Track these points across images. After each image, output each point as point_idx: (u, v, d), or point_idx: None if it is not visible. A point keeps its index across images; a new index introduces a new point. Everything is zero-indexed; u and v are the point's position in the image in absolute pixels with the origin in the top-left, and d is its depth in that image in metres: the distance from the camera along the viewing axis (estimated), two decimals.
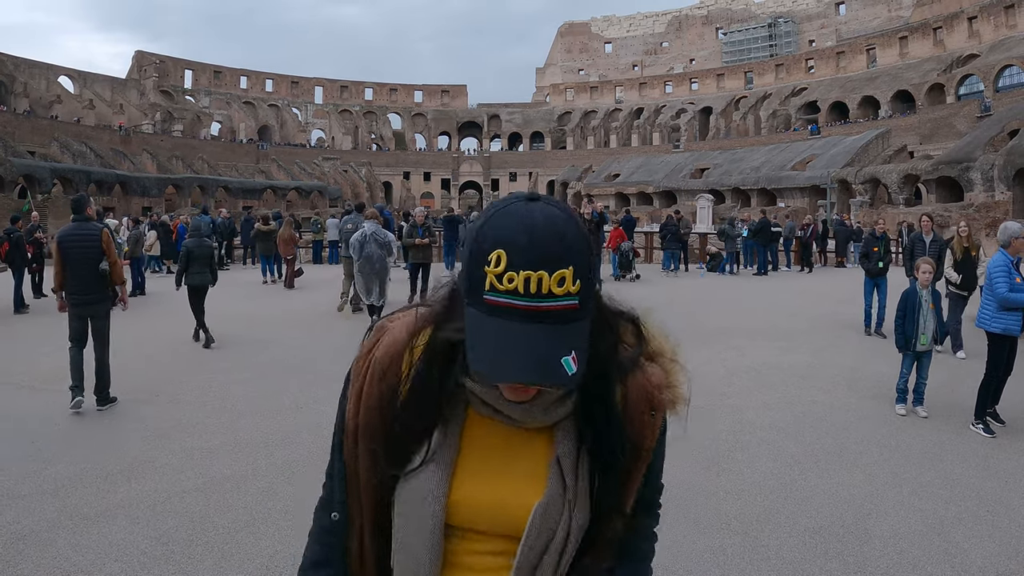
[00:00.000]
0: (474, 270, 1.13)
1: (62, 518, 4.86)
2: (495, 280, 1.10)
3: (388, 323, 1.35)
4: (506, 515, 1.23)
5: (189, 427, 6.90)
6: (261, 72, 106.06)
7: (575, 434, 1.26)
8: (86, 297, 7.63)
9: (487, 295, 1.11)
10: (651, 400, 1.30)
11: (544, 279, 1.09)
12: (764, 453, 6.32)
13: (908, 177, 48.97)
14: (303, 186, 73.40)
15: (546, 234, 1.11)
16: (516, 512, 1.23)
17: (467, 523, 1.25)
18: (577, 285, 1.11)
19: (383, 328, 1.34)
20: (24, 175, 47.47)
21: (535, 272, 1.09)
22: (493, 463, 1.26)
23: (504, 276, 1.09)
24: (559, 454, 1.25)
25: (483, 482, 1.25)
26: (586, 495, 1.25)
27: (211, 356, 10.08)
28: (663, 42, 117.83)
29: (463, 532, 1.26)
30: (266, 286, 19.35)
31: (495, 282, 1.10)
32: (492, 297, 1.10)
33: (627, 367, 1.30)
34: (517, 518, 1.22)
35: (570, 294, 1.11)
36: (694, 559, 4.38)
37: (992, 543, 4.64)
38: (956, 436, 6.90)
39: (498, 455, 1.26)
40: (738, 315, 14.34)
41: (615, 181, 77.64)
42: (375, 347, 1.31)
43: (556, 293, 1.10)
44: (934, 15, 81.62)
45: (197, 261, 11.13)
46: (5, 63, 76.47)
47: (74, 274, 7.58)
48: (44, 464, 5.88)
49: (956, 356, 10.37)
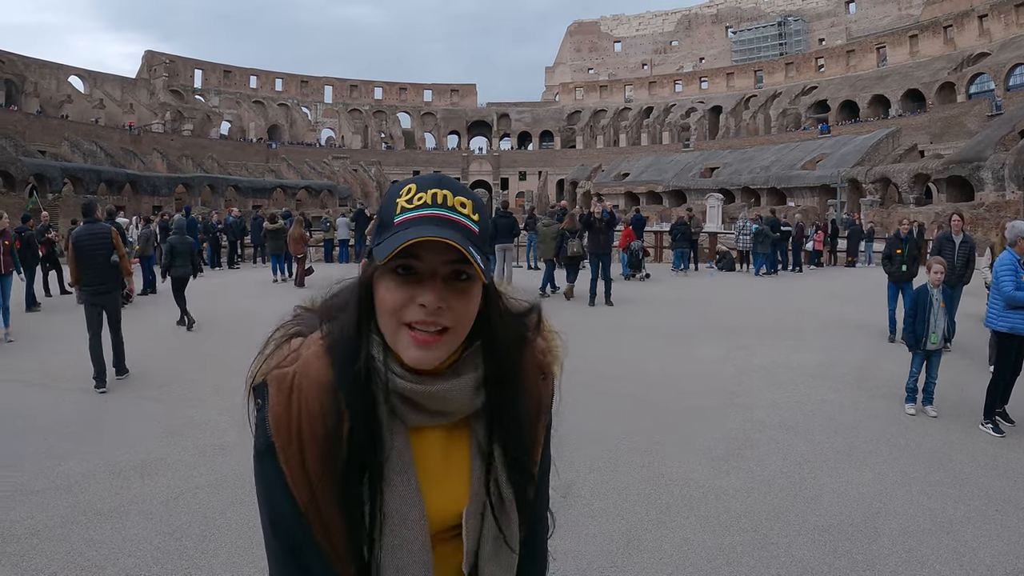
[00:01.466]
0: (385, 214, 1.22)
1: (75, 514, 4.91)
2: (404, 204, 1.19)
3: (287, 366, 1.22)
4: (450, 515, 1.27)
5: (201, 424, 6.95)
6: (271, 71, 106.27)
7: (485, 421, 1.29)
8: (101, 287, 8.71)
9: (396, 218, 1.18)
10: (541, 366, 1.38)
11: (448, 196, 1.20)
12: (773, 452, 6.33)
13: (918, 176, 48.78)
14: (313, 185, 73.61)
15: (450, 180, 1.25)
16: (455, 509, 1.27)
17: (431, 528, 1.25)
18: (476, 217, 1.21)
19: (284, 377, 1.20)
20: (35, 174, 47.73)
21: (440, 190, 1.20)
22: (436, 470, 1.26)
23: (414, 197, 1.19)
24: (477, 439, 1.29)
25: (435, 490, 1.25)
26: (503, 468, 1.29)
27: (223, 354, 10.13)
28: (673, 41, 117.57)
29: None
30: (276, 285, 19.42)
31: (404, 205, 1.19)
32: (401, 216, 1.18)
33: (523, 344, 1.36)
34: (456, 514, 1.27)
35: (471, 220, 1.20)
36: (703, 557, 4.39)
37: (1001, 542, 4.63)
38: (965, 435, 6.89)
39: (439, 462, 1.27)
40: (747, 314, 14.33)
41: (625, 180, 77.54)
42: (291, 402, 1.18)
43: (460, 211, 1.19)
44: (944, 13, 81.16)
45: (180, 256, 12.36)
46: (16, 63, 76.82)
47: (90, 268, 8.67)
48: (57, 460, 5.94)
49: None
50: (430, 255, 1.15)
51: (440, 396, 1.22)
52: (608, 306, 14.92)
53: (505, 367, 1.29)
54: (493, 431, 1.29)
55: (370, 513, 1.18)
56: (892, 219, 41.84)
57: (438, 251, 1.14)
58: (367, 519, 1.18)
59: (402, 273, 1.16)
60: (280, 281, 19.98)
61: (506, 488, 1.28)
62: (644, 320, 13.47)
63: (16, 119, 64.80)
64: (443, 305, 1.16)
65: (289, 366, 1.20)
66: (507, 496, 1.28)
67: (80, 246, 8.74)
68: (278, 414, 1.17)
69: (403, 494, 1.20)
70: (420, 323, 1.16)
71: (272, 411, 1.17)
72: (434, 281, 1.16)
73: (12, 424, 6.95)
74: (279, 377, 1.19)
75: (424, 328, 1.16)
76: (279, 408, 1.17)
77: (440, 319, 1.17)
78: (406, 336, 1.17)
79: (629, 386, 8.58)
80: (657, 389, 8.47)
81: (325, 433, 1.16)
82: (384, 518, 1.18)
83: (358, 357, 1.20)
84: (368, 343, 1.22)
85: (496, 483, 1.28)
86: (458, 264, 1.16)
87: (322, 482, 1.16)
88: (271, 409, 1.18)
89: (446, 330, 1.18)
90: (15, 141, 54.50)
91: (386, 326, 1.19)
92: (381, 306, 1.18)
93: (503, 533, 1.28)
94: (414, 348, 1.17)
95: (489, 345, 1.28)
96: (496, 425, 1.29)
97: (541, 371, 1.38)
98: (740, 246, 25.50)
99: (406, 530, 1.19)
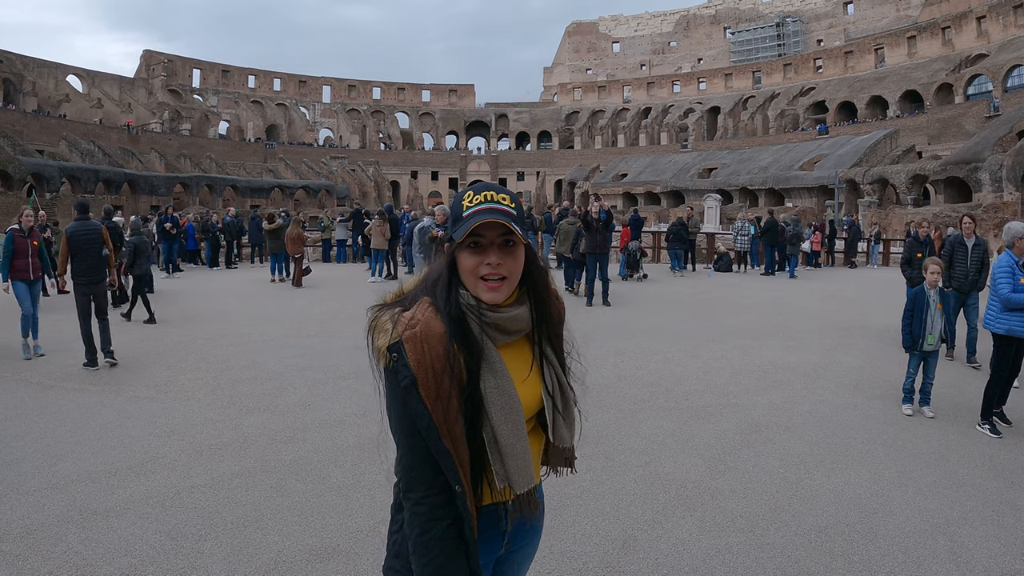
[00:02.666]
0: (456, 212, 1.94)
1: (71, 513, 4.90)
2: (467, 204, 1.92)
3: (412, 327, 1.82)
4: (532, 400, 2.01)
5: (198, 424, 6.94)
6: (269, 71, 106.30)
7: (537, 334, 2.06)
8: (92, 278, 9.58)
9: (464, 213, 1.90)
10: (552, 291, 2.13)
11: (494, 195, 1.94)
12: (770, 452, 6.33)
13: (916, 177, 48.85)
14: (311, 185, 73.64)
15: (494, 185, 2.00)
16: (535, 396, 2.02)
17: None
18: (513, 205, 1.94)
19: (415, 336, 1.80)
20: (33, 173, 47.73)
21: (489, 192, 1.95)
22: (519, 372, 1.98)
23: (474, 199, 1.92)
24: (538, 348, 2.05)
25: (520, 384, 1.97)
26: (557, 362, 2.09)
27: (219, 353, 10.13)
28: (671, 41, 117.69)
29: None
30: (274, 285, 19.41)
31: (467, 204, 1.91)
32: (467, 212, 1.90)
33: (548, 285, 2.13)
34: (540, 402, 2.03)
35: (511, 207, 1.93)
36: (700, 557, 4.39)
37: (998, 543, 4.64)
38: (962, 436, 6.89)
39: (520, 366, 2.00)
40: (745, 314, 14.33)
41: (623, 181, 77.57)
42: (423, 351, 1.80)
43: (503, 203, 1.92)
44: (943, 14, 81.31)
45: (142, 255, 13.52)
46: (14, 62, 76.79)
47: (82, 260, 9.50)
48: (54, 460, 5.93)
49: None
50: (489, 232, 1.89)
51: (512, 318, 1.95)
52: (606, 306, 14.92)
53: (543, 298, 2.05)
54: (544, 340, 2.06)
55: (484, 400, 1.86)
56: (890, 220, 41.92)
57: (493, 228, 1.88)
58: (484, 402, 1.86)
59: (472, 246, 1.90)
60: (278, 281, 19.97)
61: (561, 375, 2.08)
62: (641, 320, 13.46)
63: (14, 118, 64.81)
64: (502, 262, 1.90)
65: (414, 328, 1.81)
66: (562, 380, 2.07)
67: (74, 240, 9.50)
68: (417, 359, 1.79)
69: (504, 386, 1.88)
70: (489, 275, 1.89)
71: (411, 357, 1.78)
72: (493, 247, 1.90)
73: (8, 423, 6.94)
74: (411, 337, 1.80)
75: (492, 278, 1.89)
76: (416, 355, 1.79)
77: (500, 271, 1.89)
78: (482, 285, 1.90)
79: (625, 386, 8.57)
80: (654, 389, 8.46)
81: (447, 365, 1.81)
82: (494, 400, 1.86)
83: (456, 304, 1.89)
84: (459, 295, 1.90)
85: (555, 374, 2.06)
86: (506, 235, 1.90)
87: (450, 397, 1.79)
88: (410, 356, 1.78)
89: (504, 279, 1.91)
90: (13, 140, 54.45)
91: (468, 281, 1.91)
92: (464, 269, 1.91)
93: (567, 399, 2.08)
94: (488, 292, 1.90)
95: (531, 286, 2.03)
96: (544, 334, 2.06)
97: (554, 294, 2.13)
98: (738, 247, 25.53)
99: (509, 407, 1.88)
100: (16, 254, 10.21)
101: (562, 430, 2.05)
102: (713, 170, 70.10)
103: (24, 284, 10.26)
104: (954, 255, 10.27)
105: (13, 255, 10.17)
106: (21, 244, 10.25)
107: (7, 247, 10.16)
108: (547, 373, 2.02)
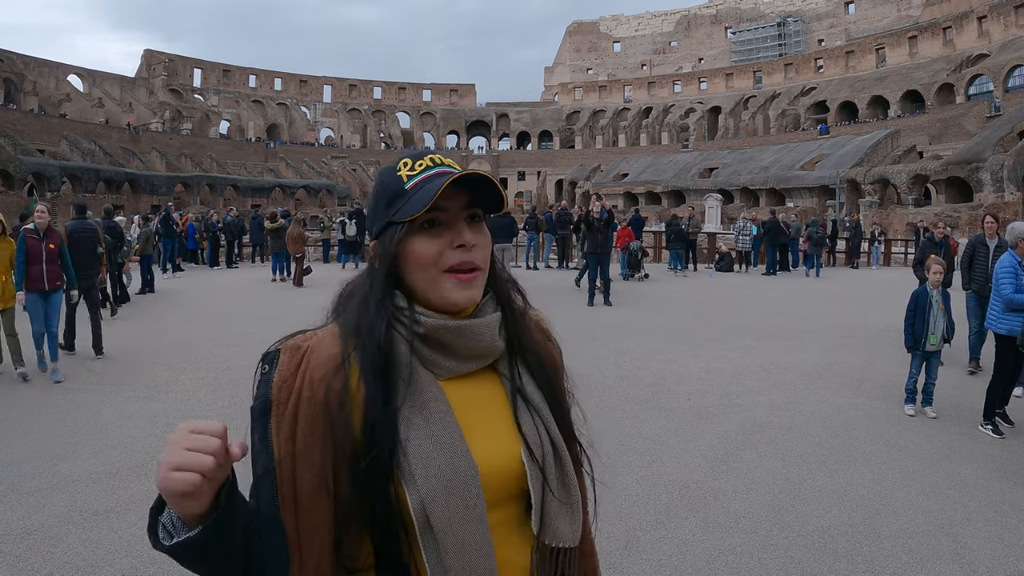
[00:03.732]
0: (390, 189, 1.28)
1: (72, 514, 4.89)
2: (408, 173, 1.28)
3: (302, 342, 1.22)
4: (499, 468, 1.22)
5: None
6: (270, 71, 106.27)
7: (508, 369, 1.32)
8: (86, 272, 10.01)
9: (407, 185, 1.26)
10: (541, 330, 1.45)
11: (442, 158, 1.31)
12: (772, 452, 6.31)
13: (917, 177, 48.81)
14: (312, 185, 73.63)
15: (428, 149, 1.35)
16: (512, 464, 1.23)
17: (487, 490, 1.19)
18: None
19: (298, 348, 1.21)
20: (33, 173, 47.72)
21: (434, 155, 1.31)
22: (476, 419, 1.24)
23: (414, 165, 1.28)
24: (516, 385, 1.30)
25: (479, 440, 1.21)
26: (545, 405, 1.32)
27: (219, 353, 10.11)
28: (672, 41, 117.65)
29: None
30: (275, 284, 19.41)
31: (408, 173, 1.27)
32: (411, 182, 1.26)
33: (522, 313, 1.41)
34: (515, 470, 1.23)
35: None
36: (702, 558, 4.38)
37: (1001, 544, 4.62)
38: (965, 437, 6.88)
39: (478, 409, 1.26)
40: (746, 314, 14.32)
41: (623, 180, 77.53)
42: (298, 369, 1.18)
43: (456, 167, 1.29)
44: (944, 14, 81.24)
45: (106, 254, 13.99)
46: (15, 61, 76.78)
47: (79, 256, 9.74)
48: (54, 460, 5.91)
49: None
50: (451, 204, 1.24)
51: (472, 331, 1.25)
52: (607, 306, 14.91)
53: (514, 309, 1.36)
54: (521, 370, 1.32)
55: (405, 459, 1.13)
56: (891, 220, 41.90)
57: (455, 199, 1.23)
58: (403, 463, 1.12)
59: (427, 227, 1.24)
60: (279, 281, 19.97)
61: (553, 427, 1.29)
62: (643, 320, 13.45)
63: (15, 118, 64.78)
64: (476, 243, 1.25)
65: (304, 341, 1.22)
66: (555, 436, 1.28)
67: (73, 237, 9.89)
68: (284, 377, 1.17)
69: (442, 436, 1.15)
70: (460, 264, 1.23)
71: (278, 374, 1.17)
72: (460, 223, 1.25)
73: (8, 423, 6.93)
74: (292, 347, 1.21)
75: (464, 268, 1.24)
76: (286, 372, 1.17)
77: (473, 257, 1.25)
78: (447, 280, 1.23)
79: (627, 386, 8.56)
80: (656, 389, 8.45)
81: (323, 396, 1.14)
82: (423, 459, 1.13)
83: (387, 324, 1.23)
84: (392, 299, 1.26)
85: (543, 425, 1.28)
86: (471, 208, 1.27)
87: (306, 447, 1.12)
88: (278, 372, 1.18)
89: (476, 270, 1.26)
90: (14, 140, 54.43)
91: (424, 279, 1.24)
92: (418, 261, 1.24)
93: (564, 466, 1.28)
94: (459, 288, 1.24)
95: (497, 291, 1.34)
96: (523, 363, 1.33)
97: (544, 335, 1.45)
98: (739, 247, 25.53)
99: (453, 470, 1.13)
100: (29, 259, 8.64)
101: (556, 520, 1.23)
102: (714, 170, 70.05)
103: (38, 295, 8.71)
104: (975, 256, 9.57)
105: (26, 261, 8.64)
106: (35, 247, 8.71)
107: (20, 251, 8.65)
108: (528, 421, 1.26)
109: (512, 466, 1.22)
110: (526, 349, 1.34)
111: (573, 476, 1.29)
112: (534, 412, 1.28)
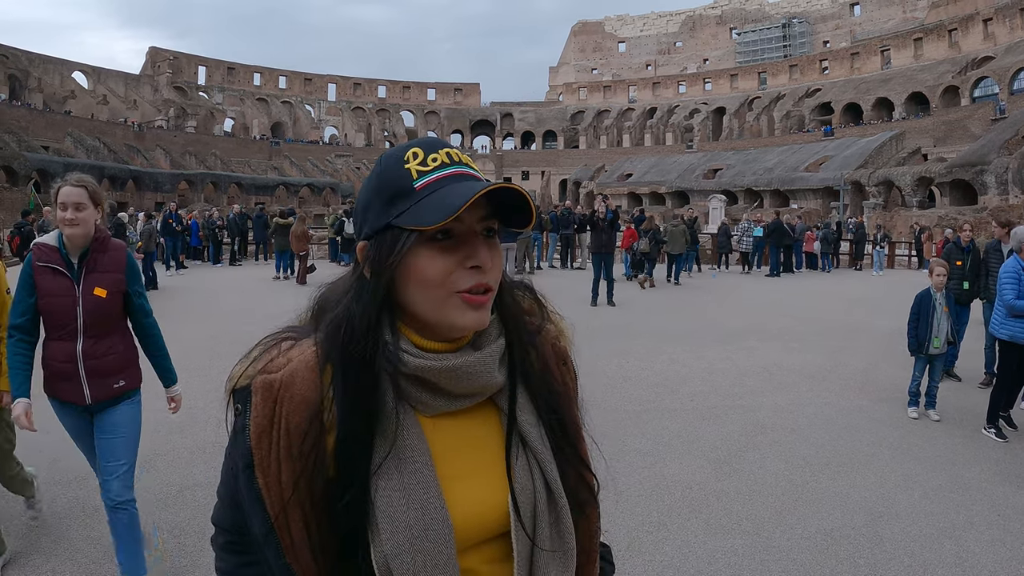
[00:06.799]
0: (395, 183, 1.10)
1: (74, 510, 4.90)
2: (419, 167, 1.09)
3: (273, 373, 1.10)
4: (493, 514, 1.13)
5: (201, 422, 6.91)
6: (274, 69, 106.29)
7: (509, 403, 1.17)
8: None
9: (416, 183, 1.08)
10: (557, 352, 1.29)
11: (460, 154, 1.13)
12: (775, 454, 6.31)
13: (922, 179, 48.73)
14: (315, 183, 73.65)
15: (440, 140, 1.17)
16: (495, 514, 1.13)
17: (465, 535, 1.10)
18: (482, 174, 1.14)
19: (271, 386, 1.09)
20: (38, 170, 47.79)
21: (450, 149, 1.13)
22: (461, 465, 1.13)
23: (428, 157, 1.10)
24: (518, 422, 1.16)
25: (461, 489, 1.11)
26: (545, 444, 1.17)
27: (224, 351, 10.11)
28: (677, 42, 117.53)
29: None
30: (278, 282, 19.43)
31: (420, 168, 1.09)
32: (423, 180, 1.08)
33: (536, 332, 1.27)
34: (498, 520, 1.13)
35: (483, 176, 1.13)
36: (705, 560, 4.37)
37: (1004, 548, 4.61)
38: (968, 440, 6.87)
39: (465, 455, 1.14)
40: (750, 316, 14.31)
41: (628, 181, 77.45)
42: (274, 414, 1.07)
43: (475, 168, 1.13)
44: (949, 16, 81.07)
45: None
46: (20, 58, 76.88)
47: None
48: (56, 457, 5.91)
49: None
50: (468, 215, 1.06)
51: (467, 371, 1.10)
52: (610, 306, 14.90)
53: (522, 335, 1.21)
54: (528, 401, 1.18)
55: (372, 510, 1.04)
56: (895, 222, 41.82)
57: (473, 209, 1.06)
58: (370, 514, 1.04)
59: (440, 239, 1.07)
60: (282, 278, 19.98)
61: (553, 473, 1.15)
62: (646, 321, 13.44)
63: (19, 114, 64.90)
64: (493, 264, 1.10)
65: (276, 372, 1.09)
66: (553, 482, 1.14)
67: None
68: (261, 427, 1.07)
69: (412, 487, 1.04)
70: (473, 287, 1.08)
71: (254, 422, 1.07)
72: (476, 239, 1.09)
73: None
74: (265, 385, 1.08)
75: (479, 289, 1.08)
76: (262, 420, 1.07)
77: (489, 280, 1.09)
78: (458, 302, 1.07)
79: (630, 387, 8.56)
80: (659, 390, 8.45)
81: (300, 452, 1.05)
82: (389, 512, 1.03)
83: (370, 340, 1.08)
84: (381, 327, 1.10)
85: (540, 469, 1.14)
86: (487, 221, 1.10)
87: (291, 504, 1.04)
88: (253, 420, 1.08)
89: (489, 290, 1.10)
90: (18, 136, 54.57)
91: (425, 299, 1.08)
92: (422, 279, 1.07)
93: (560, 516, 1.14)
94: (468, 311, 1.08)
95: (504, 311, 1.20)
96: (526, 393, 1.18)
97: (560, 357, 1.29)
98: (742, 248, 25.52)
99: (420, 526, 1.03)
100: (46, 323, 8.24)
101: (546, 568, 1.12)
102: (718, 171, 69.94)
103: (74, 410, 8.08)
104: (990, 261, 9.20)
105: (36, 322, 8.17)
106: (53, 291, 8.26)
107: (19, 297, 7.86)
108: (523, 466, 1.14)
109: (494, 516, 1.12)
110: (532, 380, 1.19)
111: (569, 523, 1.15)
112: (530, 454, 1.14)
